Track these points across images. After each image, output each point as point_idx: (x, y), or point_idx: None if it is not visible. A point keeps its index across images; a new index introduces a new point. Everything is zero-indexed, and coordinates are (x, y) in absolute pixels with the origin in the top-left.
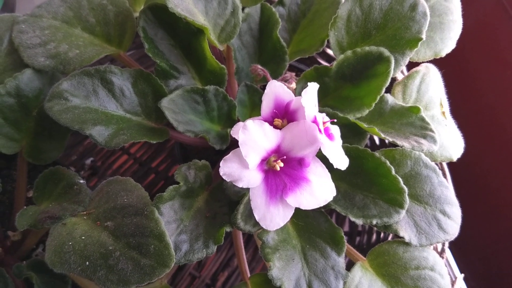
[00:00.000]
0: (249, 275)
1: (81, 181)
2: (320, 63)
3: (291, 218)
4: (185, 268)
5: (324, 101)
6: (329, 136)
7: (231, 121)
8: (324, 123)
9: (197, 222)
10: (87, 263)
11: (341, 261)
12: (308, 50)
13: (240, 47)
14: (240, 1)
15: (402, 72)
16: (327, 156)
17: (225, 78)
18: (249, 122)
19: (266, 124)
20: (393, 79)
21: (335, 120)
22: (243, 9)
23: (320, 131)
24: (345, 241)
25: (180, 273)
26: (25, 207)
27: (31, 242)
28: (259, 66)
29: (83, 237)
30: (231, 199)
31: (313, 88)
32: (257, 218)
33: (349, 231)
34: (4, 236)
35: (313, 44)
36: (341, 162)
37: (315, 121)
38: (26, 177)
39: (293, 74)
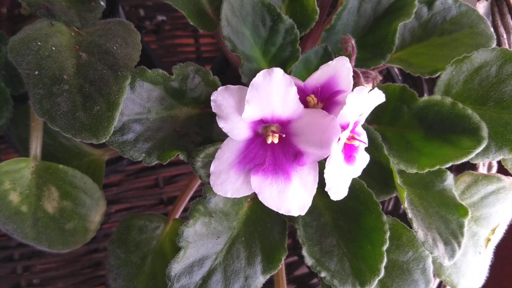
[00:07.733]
0: (177, 216)
1: (102, 3)
2: (422, 91)
3: (253, 202)
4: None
5: (383, 127)
6: (348, 157)
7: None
8: (352, 138)
9: (162, 125)
10: (37, 72)
11: (260, 280)
12: (414, 66)
13: (354, 10)
14: None
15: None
16: (325, 172)
17: (311, 24)
18: (279, 72)
19: (295, 88)
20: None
21: (366, 145)
22: None
23: (338, 140)
24: (281, 265)
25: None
26: None
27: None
28: (353, 42)
29: (54, 48)
30: (211, 135)
31: (375, 95)
32: (211, 169)
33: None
34: (18, 3)
35: (424, 66)
36: (336, 189)
37: (344, 127)
38: None
39: (380, 77)
